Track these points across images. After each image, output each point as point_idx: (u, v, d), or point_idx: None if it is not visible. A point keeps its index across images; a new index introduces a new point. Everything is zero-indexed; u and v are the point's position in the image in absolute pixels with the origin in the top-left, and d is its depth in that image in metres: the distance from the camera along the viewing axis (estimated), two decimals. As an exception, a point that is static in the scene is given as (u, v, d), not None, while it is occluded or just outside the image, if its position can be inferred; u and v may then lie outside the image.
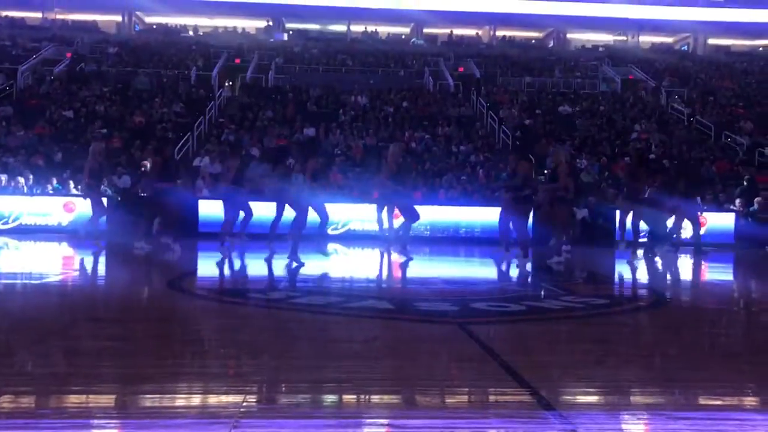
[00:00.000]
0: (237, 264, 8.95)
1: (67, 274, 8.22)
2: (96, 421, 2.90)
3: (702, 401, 3.41)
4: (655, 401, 3.36)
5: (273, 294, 6.34)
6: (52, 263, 9.56)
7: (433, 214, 13.15)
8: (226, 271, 8.35)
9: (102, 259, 9.54)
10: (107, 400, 3.20)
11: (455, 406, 3.23)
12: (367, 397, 3.29)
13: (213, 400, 3.22)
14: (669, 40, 33.87)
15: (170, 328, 5.03)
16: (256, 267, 8.68)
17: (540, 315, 5.67)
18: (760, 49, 33.08)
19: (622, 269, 9.40)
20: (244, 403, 3.07)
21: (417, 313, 5.64)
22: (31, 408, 3.08)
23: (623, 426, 2.98)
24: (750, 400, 3.47)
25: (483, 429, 2.88)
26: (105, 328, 4.93)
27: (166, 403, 3.15)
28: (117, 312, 5.65)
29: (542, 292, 6.87)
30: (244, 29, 31.11)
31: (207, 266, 9.49)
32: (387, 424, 2.93)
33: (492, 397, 3.34)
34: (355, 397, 3.30)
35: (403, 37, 32.82)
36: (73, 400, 3.16)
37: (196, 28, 31.09)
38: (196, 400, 3.23)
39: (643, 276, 9.29)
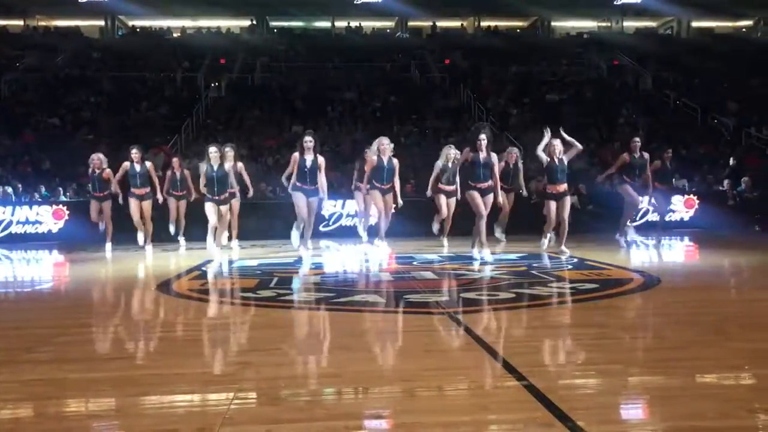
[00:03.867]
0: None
1: (60, 280, 8.21)
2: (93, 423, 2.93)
3: (697, 380, 3.45)
4: (645, 383, 3.40)
5: (262, 292, 6.35)
6: (45, 270, 9.54)
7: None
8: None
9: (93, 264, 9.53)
10: (103, 401, 3.22)
11: (447, 397, 3.26)
12: (358, 389, 3.32)
13: (203, 395, 3.24)
14: (653, 24, 33.96)
15: (162, 327, 5.04)
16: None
17: (529, 302, 5.71)
18: (743, 30, 33.21)
19: (611, 253, 9.45)
20: (235, 399, 3.09)
21: (407, 305, 5.67)
22: (29, 415, 3.10)
23: (615, 409, 3.02)
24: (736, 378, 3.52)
25: (476, 419, 2.91)
26: (98, 330, 4.94)
27: (158, 399, 3.17)
28: (110, 315, 5.67)
29: (531, 279, 6.91)
30: (228, 29, 31.00)
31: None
32: (378, 417, 2.96)
33: (482, 386, 3.37)
34: (344, 390, 3.32)
35: (388, 31, 32.78)
36: (71, 404, 3.18)
37: (179, 30, 30.95)
38: (187, 396, 3.24)
39: (633, 259, 9.35)
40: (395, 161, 9.75)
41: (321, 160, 9.46)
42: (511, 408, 2.97)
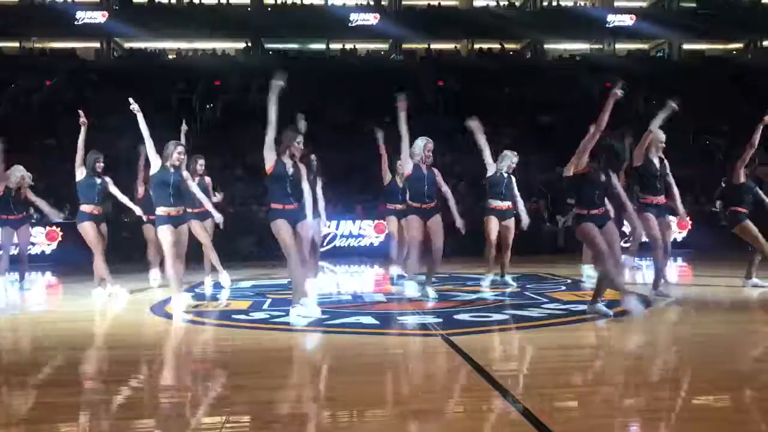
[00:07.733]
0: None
1: (52, 303, 8.18)
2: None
3: (690, 402, 3.47)
4: (638, 405, 3.41)
5: (255, 314, 6.34)
6: (38, 293, 9.50)
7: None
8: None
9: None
10: (95, 424, 3.21)
11: (440, 419, 3.26)
12: (352, 412, 3.32)
13: (196, 418, 3.23)
14: (645, 46, 34.33)
15: (154, 351, 5.03)
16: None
17: (522, 323, 5.71)
18: (734, 52, 33.60)
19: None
20: (227, 423, 3.08)
21: (401, 327, 5.67)
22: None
23: (608, 431, 3.02)
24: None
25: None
26: (90, 353, 4.93)
27: (151, 423, 3.16)
28: (102, 337, 5.65)
29: (525, 301, 6.92)
30: (223, 51, 31.19)
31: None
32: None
33: (476, 408, 3.37)
34: (338, 413, 3.32)
35: (382, 53, 33.03)
36: (62, 428, 3.17)
37: (175, 52, 31.15)
38: (179, 419, 3.23)
39: (626, 281, 9.35)
40: (435, 170, 7.49)
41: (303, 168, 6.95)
42: (504, 430, 2.98)
